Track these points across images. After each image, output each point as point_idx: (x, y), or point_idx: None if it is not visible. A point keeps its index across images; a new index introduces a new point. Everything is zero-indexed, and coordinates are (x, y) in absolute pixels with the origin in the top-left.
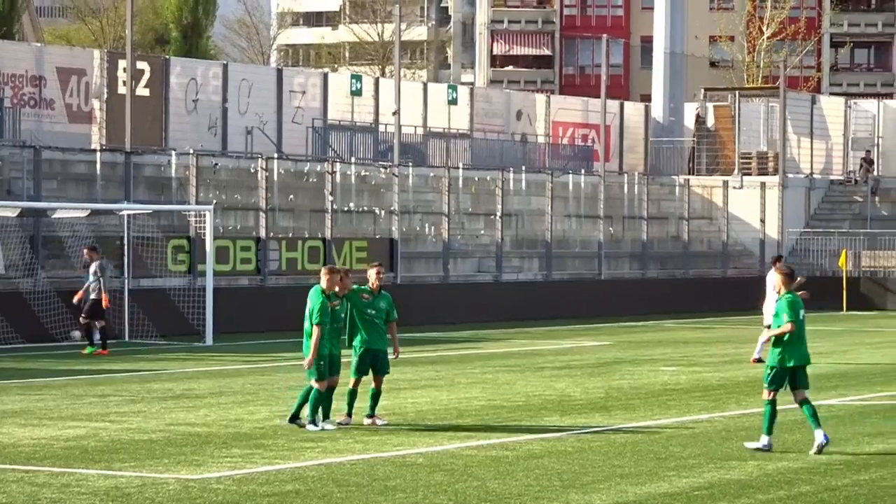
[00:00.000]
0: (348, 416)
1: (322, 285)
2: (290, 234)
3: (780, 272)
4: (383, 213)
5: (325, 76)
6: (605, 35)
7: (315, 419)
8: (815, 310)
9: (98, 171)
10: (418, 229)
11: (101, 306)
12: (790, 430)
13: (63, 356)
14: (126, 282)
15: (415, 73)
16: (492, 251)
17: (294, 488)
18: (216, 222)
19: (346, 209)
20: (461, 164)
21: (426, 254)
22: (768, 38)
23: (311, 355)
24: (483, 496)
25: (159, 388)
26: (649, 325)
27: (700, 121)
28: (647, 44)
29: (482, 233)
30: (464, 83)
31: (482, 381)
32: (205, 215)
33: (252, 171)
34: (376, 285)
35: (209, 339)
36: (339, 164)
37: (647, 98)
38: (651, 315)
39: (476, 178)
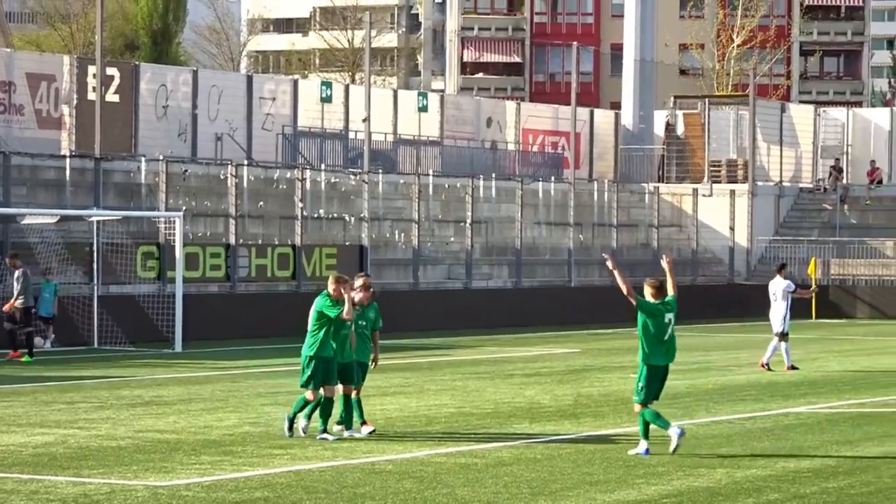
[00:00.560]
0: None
1: (328, 291)
2: (260, 241)
3: (650, 284)
4: (353, 219)
5: (296, 83)
6: (575, 43)
7: (293, 422)
8: None
9: (67, 177)
10: (388, 236)
11: (31, 313)
12: (759, 437)
13: (30, 362)
14: (95, 288)
15: (385, 80)
16: (462, 258)
17: (263, 495)
18: (186, 229)
19: (315, 216)
20: (431, 171)
21: (396, 261)
22: (738, 46)
23: (347, 305)
24: (452, 503)
25: (128, 394)
26: (619, 332)
27: (670, 128)
28: (617, 51)
29: (452, 240)
30: (434, 90)
31: (452, 388)
32: (174, 222)
33: (222, 177)
34: (367, 298)
35: (178, 346)
36: (308, 170)
37: (617, 105)
38: (621, 322)
39: (446, 186)
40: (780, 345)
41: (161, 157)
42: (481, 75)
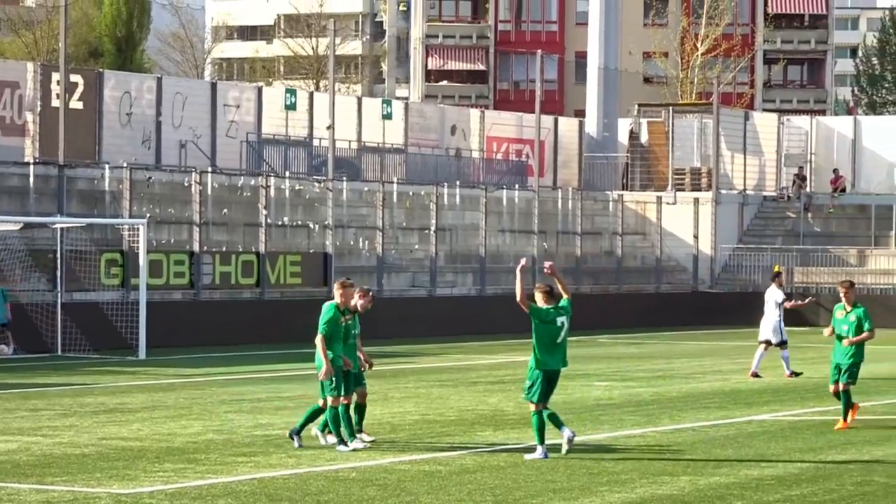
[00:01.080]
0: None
1: (336, 300)
2: (224, 248)
3: (540, 290)
4: (317, 227)
5: (260, 90)
6: (539, 50)
7: (343, 439)
8: (747, 325)
9: (31, 184)
10: (352, 244)
11: None
12: (722, 445)
13: None
14: (59, 295)
15: (349, 88)
16: (426, 266)
17: (226, 503)
18: (150, 236)
19: (280, 223)
20: (395, 179)
21: (360, 268)
22: (702, 54)
23: (325, 366)
24: None
25: (92, 402)
26: (583, 340)
27: (634, 136)
28: (581, 59)
29: (416, 247)
30: (398, 98)
31: (416, 395)
32: (138, 229)
33: (186, 184)
34: (369, 303)
35: (142, 353)
36: (273, 178)
37: (581, 113)
38: (584, 330)
39: (410, 193)
40: (781, 353)
41: (125, 165)
42: (445, 83)
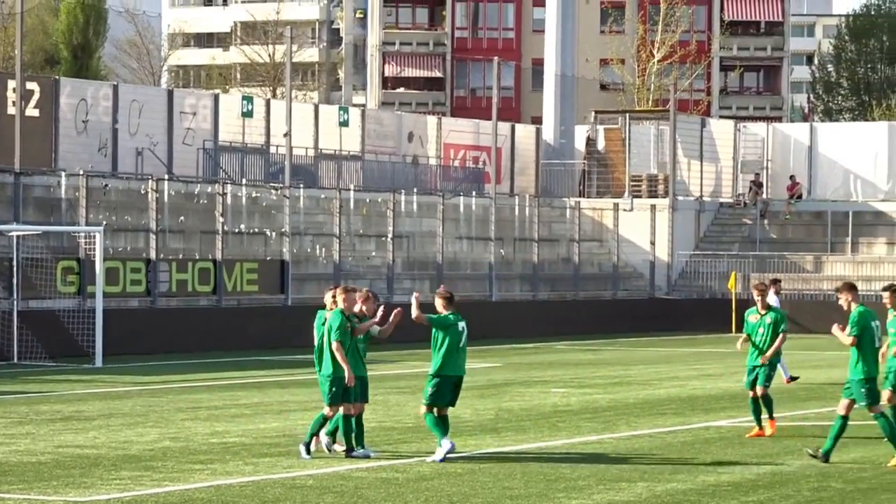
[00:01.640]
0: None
1: (341, 306)
2: (181, 256)
3: (441, 296)
4: (274, 234)
5: (216, 97)
6: (496, 57)
7: (356, 446)
8: (704, 332)
9: None
10: (309, 251)
11: None
12: (679, 451)
13: None
14: (15, 303)
15: (306, 95)
16: (383, 273)
17: None
18: (106, 243)
19: (236, 231)
20: (352, 186)
21: (317, 275)
22: (659, 61)
23: (347, 372)
24: None
25: (48, 409)
26: (540, 346)
27: (591, 143)
28: (538, 66)
29: (373, 254)
30: (355, 105)
31: (373, 402)
32: (94, 236)
33: (142, 192)
34: (372, 309)
35: (99, 361)
36: (229, 185)
37: (538, 120)
38: (542, 337)
39: (367, 200)
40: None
41: (81, 172)
42: (402, 90)
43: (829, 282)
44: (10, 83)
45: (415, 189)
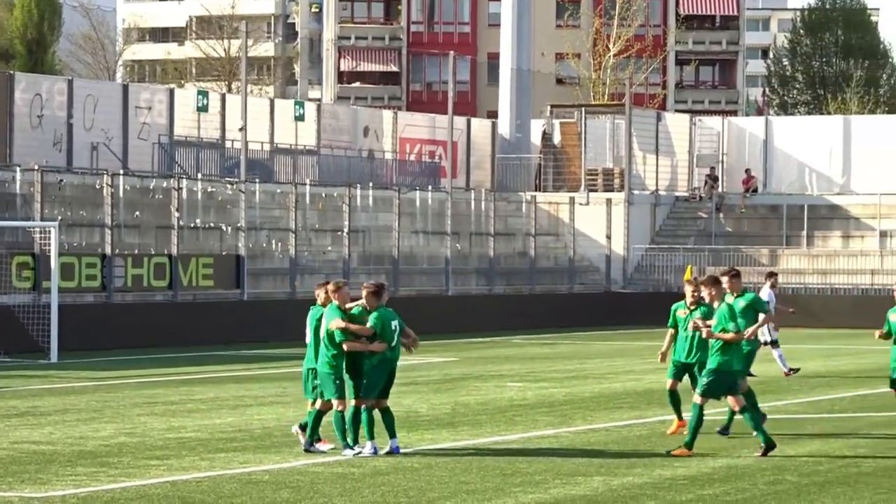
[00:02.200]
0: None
1: (335, 303)
2: (136, 251)
3: (368, 290)
4: (230, 229)
5: (172, 92)
6: (452, 52)
7: (349, 442)
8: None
9: None
10: (265, 245)
11: None
12: (636, 445)
13: None
14: None
15: (262, 90)
16: (339, 267)
17: None
18: (61, 238)
19: (192, 225)
20: (308, 180)
21: (273, 270)
22: (614, 55)
23: (373, 345)
24: None
25: (3, 405)
26: (496, 340)
27: (546, 137)
28: (493, 61)
29: (329, 249)
30: (311, 99)
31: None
32: (50, 231)
33: (97, 187)
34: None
35: (54, 356)
36: (185, 180)
37: (493, 115)
38: (498, 331)
39: (323, 194)
40: (773, 352)
41: (36, 167)
42: (358, 84)
43: (784, 275)
44: None
45: (370, 183)
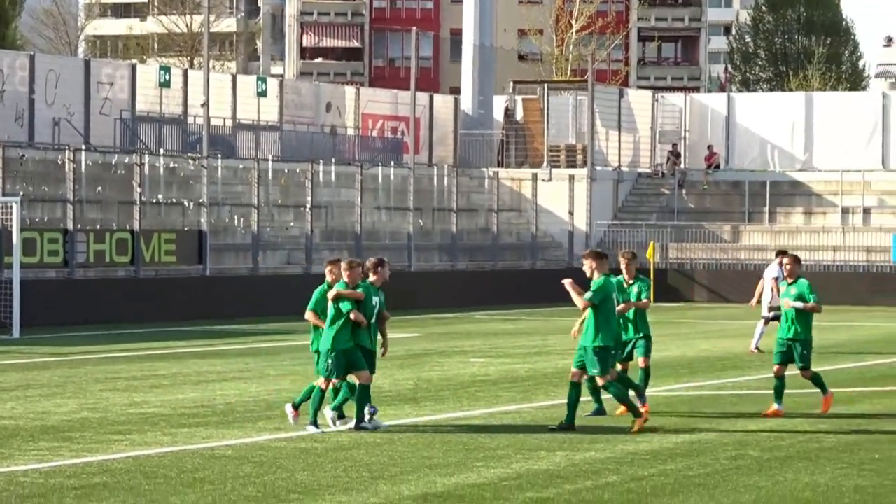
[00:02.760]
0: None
1: (345, 280)
2: (98, 226)
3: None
4: (192, 204)
5: (134, 67)
6: (414, 28)
7: (316, 420)
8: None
9: None
10: (227, 221)
11: None
12: (597, 420)
13: None
14: None
15: (224, 65)
16: (301, 243)
17: (102, 481)
18: (23, 214)
19: (154, 201)
20: (270, 156)
21: (235, 246)
22: (577, 31)
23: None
24: (292, 487)
25: None
26: (459, 316)
27: (509, 114)
28: (456, 37)
29: (292, 225)
30: (273, 75)
31: (292, 373)
32: (11, 207)
33: (59, 162)
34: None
35: (16, 332)
36: (147, 155)
37: (456, 91)
38: (461, 307)
39: (285, 170)
40: (759, 325)
41: None
42: (321, 60)
43: (746, 251)
44: None
45: (333, 159)
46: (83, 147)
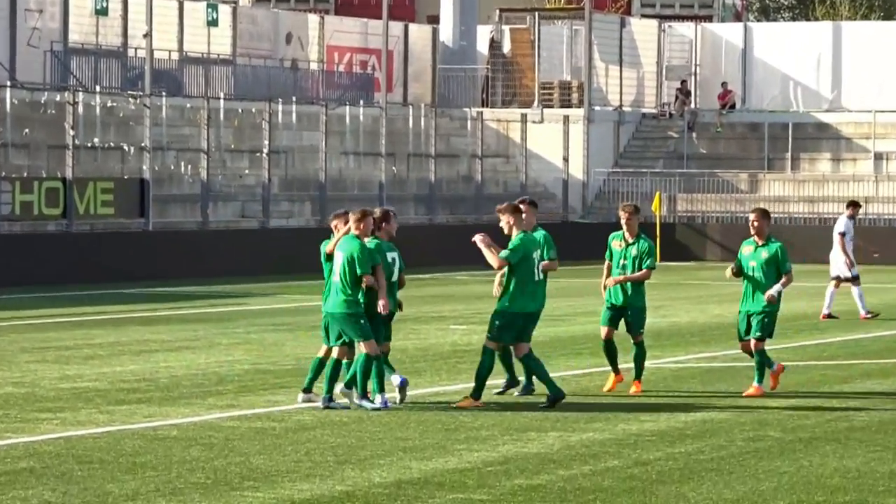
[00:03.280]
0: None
1: (354, 232)
2: (26, 174)
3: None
4: (133, 149)
5: None
6: None
7: (367, 394)
8: None
9: None
10: (173, 168)
11: None
12: (596, 396)
13: None
14: None
15: None
16: (258, 193)
17: (28, 465)
18: None
19: (89, 145)
20: (222, 94)
21: (182, 196)
22: None
23: (382, 299)
24: (246, 474)
25: None
26: (438, 277)
27: (495, 46)
28: None
29: (247, 172)
30: (225, 2)
31: (246, 342)
32: None
33: None
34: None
35: None
36: (81, 93)
37: (435, 20)
38: (440, 266)
39: (239, 111)
40: (853, 290)
41: None
42: None
43: (765, 203)
44: None
45: (294, 98)
46: (8, 83)
